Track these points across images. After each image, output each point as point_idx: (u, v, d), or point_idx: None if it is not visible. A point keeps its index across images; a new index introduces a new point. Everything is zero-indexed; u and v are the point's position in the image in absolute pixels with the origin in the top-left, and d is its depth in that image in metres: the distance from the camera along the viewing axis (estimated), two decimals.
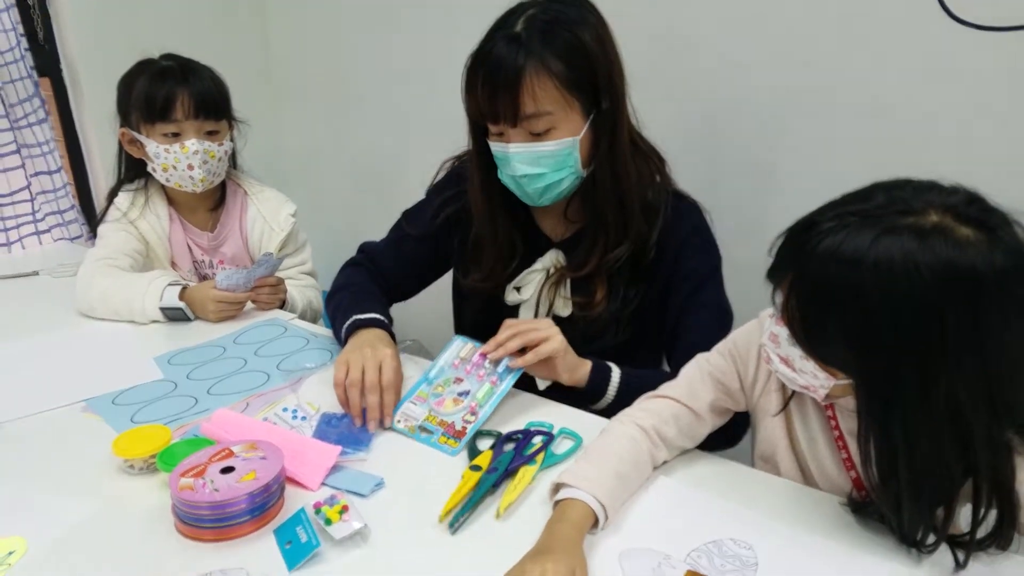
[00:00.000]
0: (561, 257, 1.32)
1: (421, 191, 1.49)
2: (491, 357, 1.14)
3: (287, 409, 1.16)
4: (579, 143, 1.18)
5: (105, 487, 1.00)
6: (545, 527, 0.87)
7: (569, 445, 1.06)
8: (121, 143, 1.65)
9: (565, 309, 1.31)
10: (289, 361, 1.33)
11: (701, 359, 1.07)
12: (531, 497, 0.96)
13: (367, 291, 1.36)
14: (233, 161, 1.73)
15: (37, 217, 2.08)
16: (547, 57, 1.11)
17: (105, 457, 1.03)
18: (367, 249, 1.47)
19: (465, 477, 0.96)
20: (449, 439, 1.08)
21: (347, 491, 0.96)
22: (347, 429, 1.08)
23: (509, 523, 0.92)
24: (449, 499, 0.93)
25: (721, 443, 1.10)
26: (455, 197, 1.38)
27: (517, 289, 1.34)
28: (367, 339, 1.20)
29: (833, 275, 0.76)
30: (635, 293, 1.27)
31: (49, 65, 2.14)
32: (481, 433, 1.08)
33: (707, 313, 1.27)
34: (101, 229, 1.67)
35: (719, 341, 1.23)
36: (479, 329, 1.24)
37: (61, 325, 1.52)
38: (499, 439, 1.06)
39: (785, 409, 0.98)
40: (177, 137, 1.56)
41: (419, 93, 2.25)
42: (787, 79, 1.55)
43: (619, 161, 1.21)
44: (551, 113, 1.14)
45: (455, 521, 0.90)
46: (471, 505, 0.92)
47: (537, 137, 1.16)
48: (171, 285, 1.51)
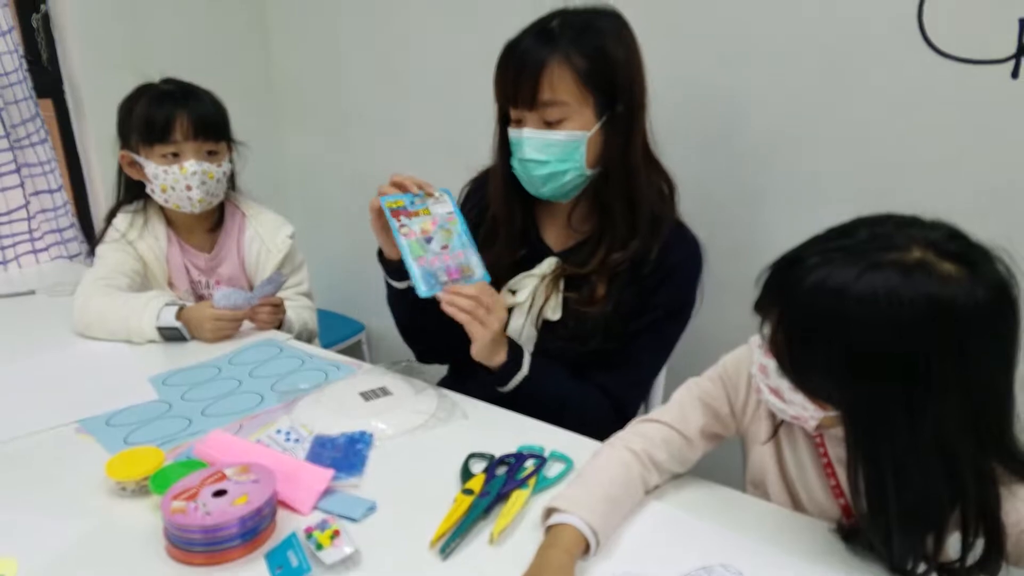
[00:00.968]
0: (560, 263, 1.35)
1: None
2: (442, 300, 1.20)
3: (280, 431, 1.17)
4: (588, 140, 1.23)
5: (97, 509, 1.00)
6: (537, 552, 0.87)
7: (560, 468, 1.06)
8: (121, 165, 1.66)
9: (556, 312, 1.33)
10: (284, 382, 1.34)
11: (692, 383, 1.08)
12: (524, 522, 0.96)
13: None
14: (232, 183, 1.74)
15: (35, 236, 2.09)
16: (571, 52, 1.19)
17: (98, 478, 1.03)
18: None
19: (457, 501, 0.97)
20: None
21: (339, 515, 0.96)
22: (340, 453, 1.09)
23: (502, 548, 0.92)
24: (441, 524, 0.93)
25: None
26: (476, 204, 1.44)
27: (512, 292, 1.37)
28: None
29: (818, 309, 0.77)
30: (629, 298, 1.29)
31: (52, 86, 2.16)
32: (474, 456, 1.08)
33: (658, 348, 1.35)
34: (99, 249, 1.68)
35: (651, 377, 1.35)
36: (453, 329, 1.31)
37: (57, 344, 1.53)
38: (492, 462, 1.06)
39: (775, 436, 0.99)
40: (176, 158, 1.57)
41: (420, 113, 2.27)
42: (775, 108, 1.58)
43: (632, 163, 1.26)
44: (566, 104, 1.20)
45: (447, 546, 0.90)
46: (463, 529, 0.92)
47: (549, 126, 1.22)
48: (168, 305, 1.52)
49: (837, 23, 1.46)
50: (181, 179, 1.57)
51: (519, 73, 1.21)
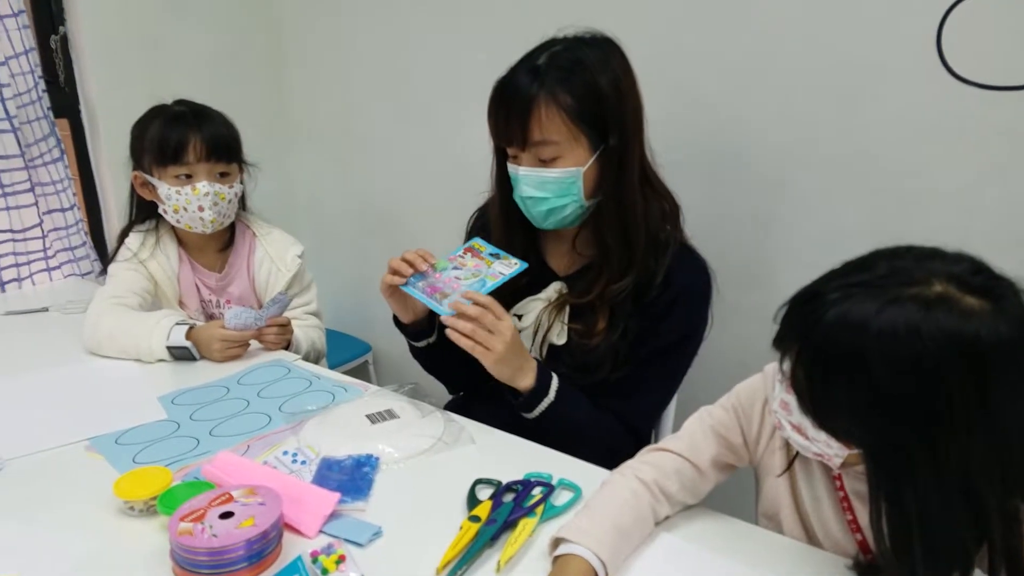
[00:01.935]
0: (564, 288, 1.35)
1: (429, 234, 1.52)
2: (446, 322, 1.20)
3: (287, 452, 1.17)
4: (584, 174, 1.23)
5: (105, 528, 1.00)
6: None
7: (569, 496, 1.06)
8: (133, 186, 1.68)
9: (561, 338, 1.33)
10: (291, 403, 1.34)
11: (704, 412, 1.07)
12: (531, 551, 0.95)
13: None
14: (243, 203, 1.75)
15: (48, 254, 2.11)
16: (559, 91, 1.19)
17: (106, 497, 1.03)
18: None
19: (464, 528, 0.96)
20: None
21: (345, 539, 0.95)
22: (347, 475, 1.08)
23: None
24: (447, 550, 0.92)
25: None
26: (479, 231, 1.46)
27: (518, 317, 1.37)
28: None
29: (838, 346, 0.75)
30: (634, 326, 1.28)
31: (69, 106, 2.18)
32: (480, 482, 1.08)
33: (669, 375, 1.34)
34: (111, 268, 1.69)
35: (664, 405, 1.35)
36: (428, 328, 1.38)
37: (69, 362, 1.54)
38: (499, 489, 1.06)
39: (790, 468, 0.98)
40: (189, 179, 1.59)
41: (428, 139, 2.29)
42: (789, 133, 1.58)
43: (625, 194, 1.25)
44: (557, 143, 1.21)
45: (453, 574, 0.89)
46: (469, 558, 0.92)
47: (544, 163, 1.23)
48: (178, 324, 1.52)
49: (853, 46, 1.46)
50: (193, 200, 1.58)
51: (509, 113, 1.22)
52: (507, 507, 1.00)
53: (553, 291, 1.35)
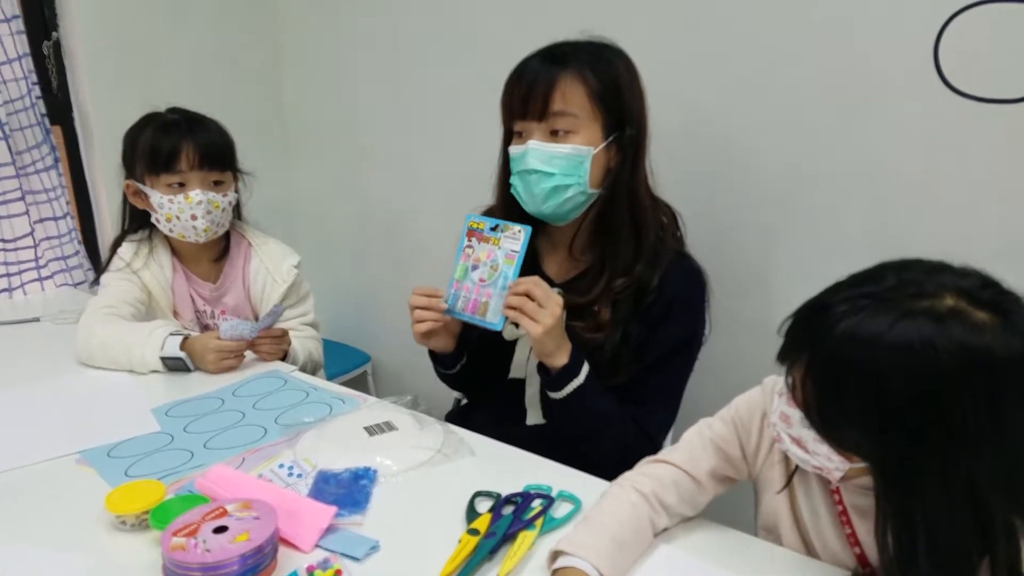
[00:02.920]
0: (563, 293, 1.33)
1: (429, 244, 1.51)
2: (506, 313, 1.22)
3: (283, 465, 1.15)
4: (593, 156, 1.24)
5: (96, 543, 0.98)
6: None
7: (568, 509, 1.04)
8: (125, 195, 1.66)
9: None
10: (287, 415, 1.32)
11: (703, 425, 1.06)
12: (530, 564, 0.94)
13: None
14: (238, 212, 1.74)
15: (40, 263, 2.09)
16: (584, 68, 1.23)
17: (98, 512, 1.02)
18: None
19: (462, 541, 0.95)
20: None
21: (341, 554, 0.94)
22: (343, 489, 1.07)
23: None
24: (445, 565, 0.91)
25: None
26: None
27: (516, 325, 1.35)
28: None
29: (850, 359, 0.74)
30: (635, 330, 1.28)
31: (61, 114, 2.17)
32: (480, 494, 1.07)
33: (676, 381, 1.34)
34: (104, 278, 1.68)
35: (675, 413, 1.33)
36: (476, 366, 1.38)
37: (60, 373, 1.52)
38: (498, 501, 1.04)
39: (789, 477, 0.97)
40: (182, 188, 1.57)
41: (428, 147, 2.28)
42: (793, 145, 1.57)
43: (640, 188, 1.28)
44: (576, 116, 1.23)
45: None
46: (468, 571, 0.90)
47: (556, 137, 1.24)
48: (172, 335, 1.51)
49: (854, 59, 1.46)
50: (186, 209, 1.57)
51: (531, 86, 1.24)
52: (506, 520, 0.99)
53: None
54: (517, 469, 1.14)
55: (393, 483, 1.11)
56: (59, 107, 2.16)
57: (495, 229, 1.26)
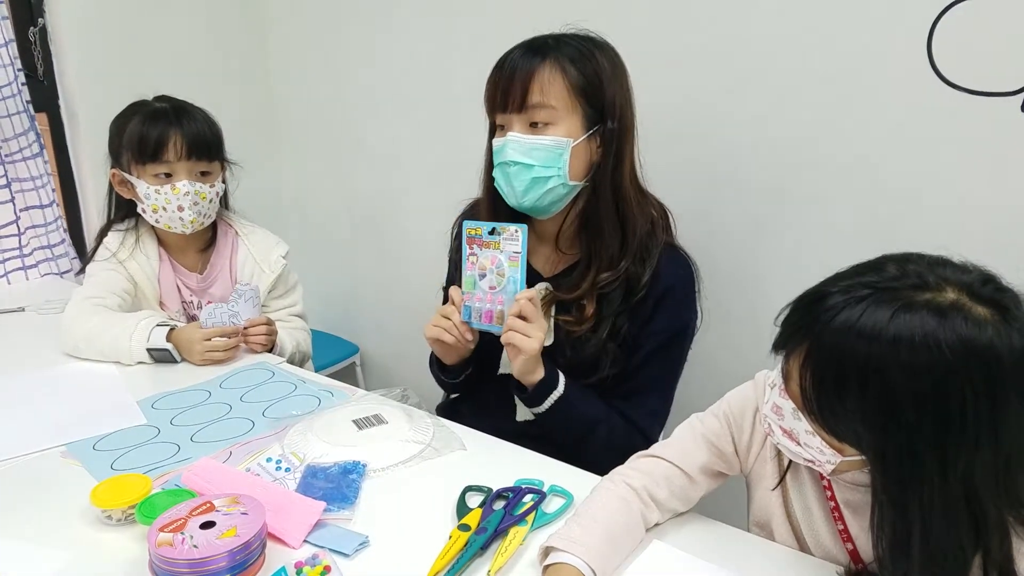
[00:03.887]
0: (550, 287, 1.34)
1: (417, 234, 1.49)
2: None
3: (271, 459, 1.14)
4: (573, 148, 1.23)
5: (81, 538, 0.97)
6: None
7: (560, 503, 1.04)
8: (111, 183, 1.64)
9: (549, 338, 1.31)
10: (275, 408, 1.31)
11: (695, 420, 1.05)
12: (522, 559, 0.93)
13: None
14: (225, 202, 1.72)
15: (25, 252, 2.06)
16: (563, 60, 1.22)
17: (83, 506, 1.00)
18: None
19: (453, 537, 0.94)
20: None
21: (330, 550, 0.93)
22: (332, 483, 1.06)
23: None
24: (436, 561, 0.90)
25: None
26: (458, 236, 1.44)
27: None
28: None
29: (851, 349, 0.74)
30: (624, 325, 1.28)
31: (47, 101, 2.14)
32: (471, 489, 1.06)
33: (668, 373, 1.33)
34: (90, 268, 1.65)
35: (668, 405, 1.33)
36: (467, 362, 1.37)
37: (45, 363, 1.50)
38: (489, 496, 1.03)
39: (782, 474, 0.96)
40: (169, 178, 1.55)
41: (417, 138, 2.26)
42: (782, 139, 1.56)
43: (624, 182, 1.27)
44: (554, 108, 1.22)
45: None
46: (459, 567, 0.90)
47: (535, 129, 1.23)
48: (159, 326, 1.49)
49: (846, 52, 1.45)
50: (173, 199, 1.55)
51: (511, 78, 1.23)
52: (497, 515, 0.98)
53: (538, 292, 1.33)
54: (508, 463, 1.14)
55: (383, 477, 1.10)
56: (45, 94, 2.12)
57: (493, 232, 1.25)
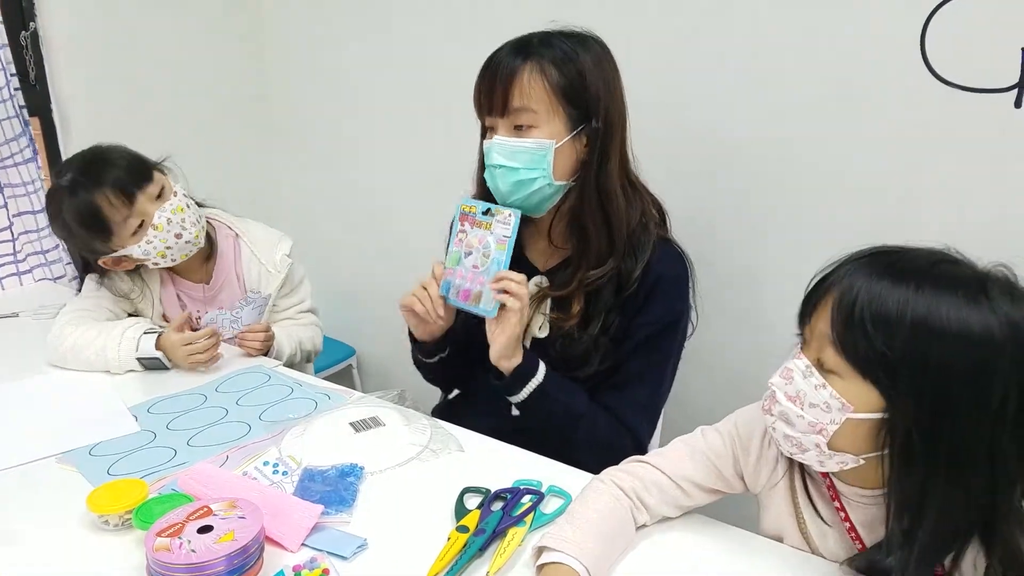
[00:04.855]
0: (545, 281, 1.35)
1: (414, 233, 1.49)
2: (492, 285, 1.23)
3: (268, 463, 1.14)
4: (557, 150, 1.23)
5: (78, 544, 0.97)
6: None
7: (559, 504, 1.04)
8: (104, 266, 1.56)
9: (543, 331, 1.32)
10: (272, 411, 1.31)
11: (699, 434, 1.04)
12: (520, 560, 0.93)
13: None
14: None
15: (18, 257, 2.05)
16: (545, 64, 1.22)
17: (79, 511, 1.00)
18: None
19: (452, 539, 0.94)
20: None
21: (328, 553, 0.93)
22: (330, 486, 1.05)
23: None
24: (434, 562, 0.90)
25: None
26: None
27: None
28: None
29: (888, 290, 0.77)
30: (615, 320, 1.28)
31: (40, 105, 2.12)
32: (469, 491, 1.06)
33: (658, 366, 1.32)
34: (88, 280, 1.61)
35: (658, 400, 1.33)
36: (462, 355, 1.37)
37: (39, 370, 1.50)
38: (487, 497, 1.03)
39: (794, 499, 0.96)
40: (142, 225, 1.48)
41: (412, 134, 2.26)
42: (779, 138, 1.57)
43: (609, 181, 1.26)
44: (535, 112, 1.22)
45: None
46: (457, 569, 0.90)
47: (519, 132, 1.23)
48: (147, 333, 1.47)
49: (840, 49, 1.45)
50: (167, 236, 1.50)
51: (493, 82, 1.24)
52: (496, 516, 0.98)
53: (533, 285, 1.34)
54: (506, 464, 1.14)
55: (380, 480, 1.10)
56: (37, 99, 2.11)
57: (487, 213, 1.26)
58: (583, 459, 1.15)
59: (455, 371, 1.43)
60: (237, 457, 1.16)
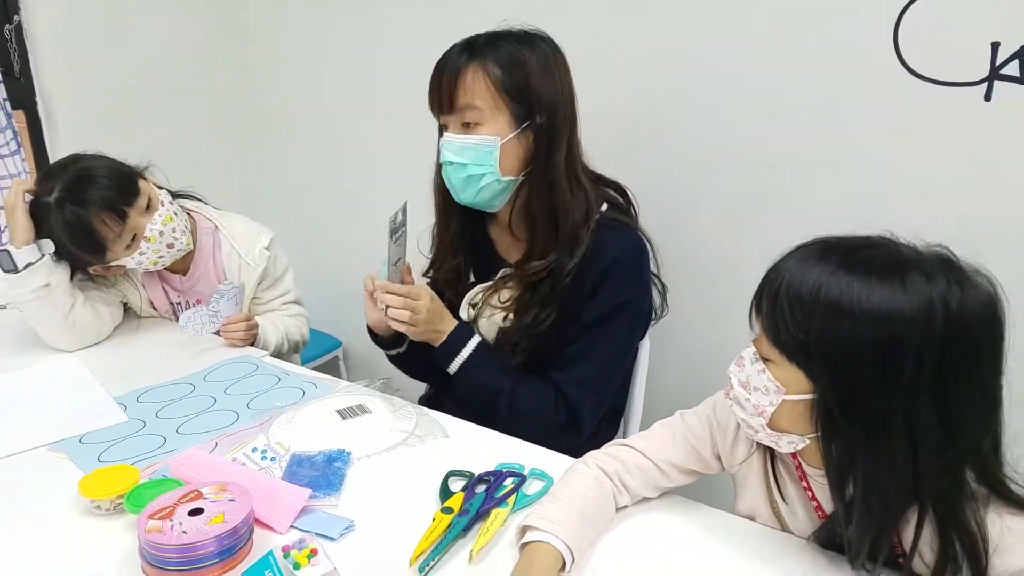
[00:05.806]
0: (508, 272, 1.39)
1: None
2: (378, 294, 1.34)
3: (256, 449, 1.16)
4: (503, 146, 1.27)
5: (71, 528, 0.98)
6: (514, 571, 0.87)
7: (540, 486, 1.07)
8: (96, 273, 1.60)
9: (506, 321, 1.38)
10: (259, 400, 1.33)
11: (678, 417, 1.08)
12: (503, 540, 0.96)
13: None
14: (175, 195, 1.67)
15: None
16: (488, 62, 1.25)
17: (71, 497, 1.02)
18: None
19: (436, 520, 0.96)
20: None
21: (316, 534, 0.95)
22: (318, 471, 1.08)
23: (481, 567, 0.92)
24: (420, 542, 0.92)
25: None
26: None
27: (472, 306, 1.41)
28: None
29: (807, 276, 0.80)
30: (549, 315, 1.32)
31: (24, 98, 2.12)
32: (453, 473, 1.08)
33: (605, 345, 1.34)
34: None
35: (604, 379, 1.35)
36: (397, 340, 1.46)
37: (28, 361, 1.51)
38: (471, 480, 1.06)
39: (767, 480, 0.99)
40: (135, 238, 1.51)
41: (396, 129, 2.26)
42: (761, 132, 1.60)
43: (554, 176, 1.29)
44: (480, 109, 1.26)
45: (425, 565, 0.90)
46: (442, 548, 0.92)
47: (467, 128, 1.28)
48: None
49: (821, 45, 1.48)
50: (160, 247, 1.53)
51: (440, 80, 1.28)
52: (479, 498, 1.01)
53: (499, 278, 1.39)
54: (490, 449, 1.16)
55: (367, 465, 1.13)
56: (22, 91, 2.11)
57: (394, 220, 1.33)
58: (512, 427, 1.22)
59: (424, 364, 1.44)
60: (226, 444, 1.18)
